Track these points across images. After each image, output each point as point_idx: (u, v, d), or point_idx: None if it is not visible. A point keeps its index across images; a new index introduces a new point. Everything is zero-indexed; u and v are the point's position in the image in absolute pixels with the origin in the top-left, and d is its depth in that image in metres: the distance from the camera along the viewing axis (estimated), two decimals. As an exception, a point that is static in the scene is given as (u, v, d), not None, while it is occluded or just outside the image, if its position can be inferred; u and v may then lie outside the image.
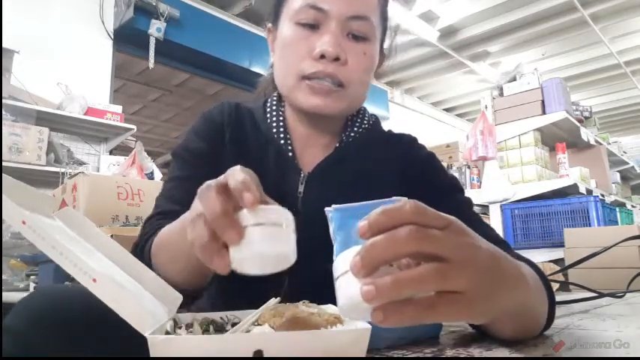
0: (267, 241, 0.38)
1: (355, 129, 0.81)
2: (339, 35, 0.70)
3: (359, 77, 0.73)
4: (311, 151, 0.79)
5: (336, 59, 0.69)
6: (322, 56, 0.69)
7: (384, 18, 0.79)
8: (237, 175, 0.40)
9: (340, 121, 0.81)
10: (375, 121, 0.85)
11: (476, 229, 0.72)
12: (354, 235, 0.56)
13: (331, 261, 0.59)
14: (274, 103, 0.82)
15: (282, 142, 0.77)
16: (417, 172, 0.80)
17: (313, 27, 0.71)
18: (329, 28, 0.70)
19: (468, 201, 0.79)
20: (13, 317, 0.50)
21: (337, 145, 0.79)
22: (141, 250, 0.67)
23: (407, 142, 0.86)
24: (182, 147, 0.78)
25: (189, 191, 0.75)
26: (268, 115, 0.80)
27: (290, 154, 0.77)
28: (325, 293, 0.60)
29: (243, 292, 0.68)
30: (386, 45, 0.84)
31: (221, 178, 0.41)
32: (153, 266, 0.63)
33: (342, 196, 0.71)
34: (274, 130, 0.78)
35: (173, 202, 0.72)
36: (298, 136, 0.79)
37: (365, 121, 0.83)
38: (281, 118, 0.79)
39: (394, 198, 0.62)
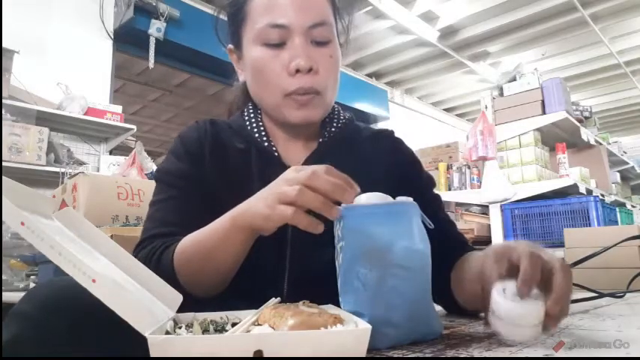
0: None
1: (334, 124, 0.85)
2: (305, 46, 0.73)
3: (331, 81, 0.77)
4: (293, 150, 0.82)
5: (310, 70, 0.73)
6: (297, 70, 0.72)
7: (336, 13, 0.82)
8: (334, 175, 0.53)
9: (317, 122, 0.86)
10: (350, 117, 0.90)
11: (443, 226, 0.83)
12: (364, 237, 0.56)
13: (328, 254, 0.60)
14: (251, 111, 0.85)
15: (265, 144, 0.80)
16: (400, 166, 0.86)
17: (279, 45, 0.74)
18: (295, 42, 0.73)
19: (439, 197, 0.89)
20: (23, 303, 0.53)
21: (320, 140, 0.82)
22: (157, 261, 0.67)
23: (387, 136, 0.91)
24: (163, 171, 0.81)
25: (178, 211, 0.75)
26: (247, 123, 0.83)
27: (275, 153, 0.80)
28: (321, 285, 0.60)
29: (243, 290, 0.68)
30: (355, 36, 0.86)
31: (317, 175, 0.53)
32: (177, 273, 0.65)
33: None
34: (256, 135, 0.81)
35: (167, 225, 0.73)
36: (279, 139, 0.83)
37: (342, 117, 0.88)
38: (261, 124, 0.83)
39: (399, 198, 0.62)
